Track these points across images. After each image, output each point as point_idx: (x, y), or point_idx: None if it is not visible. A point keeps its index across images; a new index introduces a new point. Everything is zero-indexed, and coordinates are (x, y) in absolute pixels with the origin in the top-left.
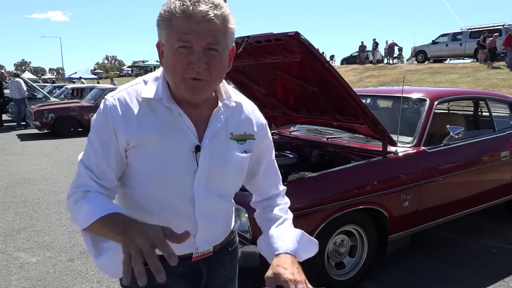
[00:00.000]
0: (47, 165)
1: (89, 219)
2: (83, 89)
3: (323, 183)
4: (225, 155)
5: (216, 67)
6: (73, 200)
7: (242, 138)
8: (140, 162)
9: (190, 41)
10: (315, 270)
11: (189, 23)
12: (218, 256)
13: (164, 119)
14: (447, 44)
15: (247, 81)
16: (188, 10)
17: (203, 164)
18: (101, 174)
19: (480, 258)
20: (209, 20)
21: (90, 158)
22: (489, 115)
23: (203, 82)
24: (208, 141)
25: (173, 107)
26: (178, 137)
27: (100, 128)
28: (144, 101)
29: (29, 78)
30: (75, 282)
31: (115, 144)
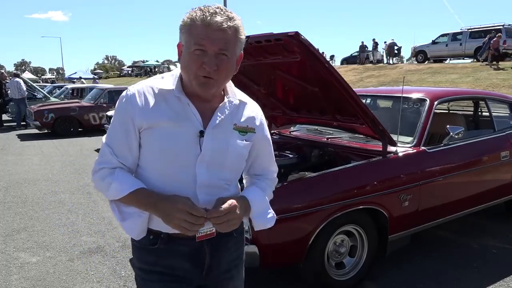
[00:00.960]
0: (47, 165)
1: (119, 193)
2: (83, 89)
3: (323, 183)
4: (227, 142)
5: (225, 69)
6: (100, 177)
7: (244, 130)
8: (152, 142)
9: (205, 45)
10: (315, 270)
11: (206, 30)
12: (222, 240)
13: (174, 107)
14: (447, 44)
15: (247, 81)
16: (207, 19)
17: (206, 148)
18: (120, 152)
19: (480, 258)
20: (223, 30)
21: (112, 137)
22: (489, 115)
23: (212, 80)
24: (212, 129)
25: (182, 98)
26: (185, 122)
27: (120, 113)
28: (159, 92)
29: (29, 78)
30: (75, 282)
31: (132, 129)
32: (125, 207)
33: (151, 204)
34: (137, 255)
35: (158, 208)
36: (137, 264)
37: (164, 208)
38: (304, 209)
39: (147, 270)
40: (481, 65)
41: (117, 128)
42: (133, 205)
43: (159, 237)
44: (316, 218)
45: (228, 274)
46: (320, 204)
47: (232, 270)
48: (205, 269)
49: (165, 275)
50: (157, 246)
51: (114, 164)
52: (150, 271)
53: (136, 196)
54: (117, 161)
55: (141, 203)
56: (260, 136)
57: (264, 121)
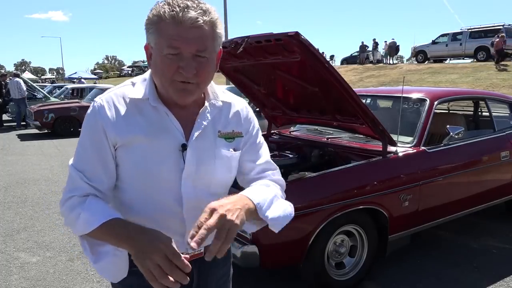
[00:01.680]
0: (47, 165)
1: (89, 226)
2: (83, 89)
3: (323, 183)
4: (213, 153)
5: (205, 72)
6: (69, 207)
7: (230, 136)
8: (128, 162)
9: (179, 47)
10: (315, 270)
11: (178, 29)
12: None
13: (150, 119)
14: (447, 44)
15: (247, 81)
16: (178, 16)
17: (190, 162)
18: (92, 175)
19: (480, 258)
20: (199, 27)
21: (81, 160)
22: (489, 115)
23: (192, 85)
24: (194, 140)
25: (160, 107)
26: (165, 136)
27: (90, 129)
28: (131, 102)
29: (29, 78)
30: (75, 282)
31: (106, 144)
32: (98, 245)
33: (124, 236)
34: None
35: (134, 240)
36: (116, 285)
37: (140, 243)
38: (304, 209)
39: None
40: (481, 65)
41: (87, 146)
42: (106, 240)
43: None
44: (316, 218)
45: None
46: (320, 204)
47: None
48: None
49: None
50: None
51: (85, 190)
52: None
53: (109, 228)
54: (89, 186)
55: (113, 236)
56: (249, 137)
57: (252, 117)
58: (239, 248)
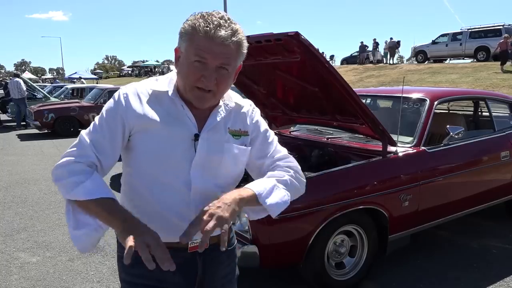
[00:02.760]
0: (47, 165)
1: (90, 194)
2: (83, 89)
3: (323, 183)
4: (222, 145)
5: (224, 83)
6: (71, 170)
7: (237, 133)
8: (144, 145)
9: (206, 58)
10: (315, 270)
11: (209, 43)
12: (214, 252)
13: (168, 109)
14: (447, 44)
15: (247, 81)
16: (210, 32)
17: (200, 152)
18: (100, 149)
19: (480, 258)
20: (226, 46)
21: (95, 132)
22: (489, 115)
23: (210, 94)
24: (206, 132)
25: (177, 100)
26: (180, 125)
27: (110, 112)
28: (153, 93)
29: (29, 78)
30: (75, 282)
31: (120, 129)
32: (82, 215)
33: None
34: (122, 266)
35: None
36: (122, 275)
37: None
38: (304, 209)
39: (132, 283)
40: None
41: (103, 125)
42: (96, 214)
43: None
44: (316, 218)
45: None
46: (320, 204)
47: (226, 285)
48: (197, 283)
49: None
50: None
51: (92, 159)
52: (136, 283)
53: (107, 204)
54: (96, 157)
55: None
56: (256, 135)
57: (258, 117)
58: (239, 248)
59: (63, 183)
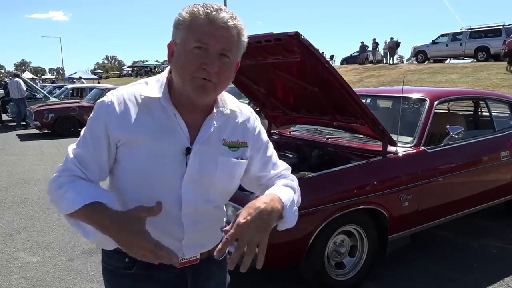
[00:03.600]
0: (47, 165)
1: (72, 206)
2: (83, 89)
3: (323, 183)
4: (216, 160)
5: (225, 72)
6: (57, 185)
7: (234, 145)
8: (130, 161)
9: (208, 42)
10: (315, 270)
11: (210, 26)
12: (205, 266)
13: (158, 120)
14: (447, 44)
15: (247, 81)
16: (211, 14)
17: (192, 167)
18: (84, 163)
19: (480, 258)
20: (228, 27)
21: (79, 147)
22: (489, 115)
23: (211, 83)
24: (199, 145)
25: (169, 107)
26: (170, 138)
27: (93, 121)
28: (142, 100)
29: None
30: (75, 282)
31: (104, 140)
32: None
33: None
34: (108, 279)
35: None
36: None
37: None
38: (304, 209)
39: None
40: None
41: (87, 136)
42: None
43: (135, 261)
44: (316, 218)
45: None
46: (320, 204)
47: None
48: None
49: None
50: (133, 271)
51: (75, 172)
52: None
53: (90, 212)
54: (80, 171)
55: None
56: (258, 148)
57: (259, 126)
58: None
59: (53, 198)
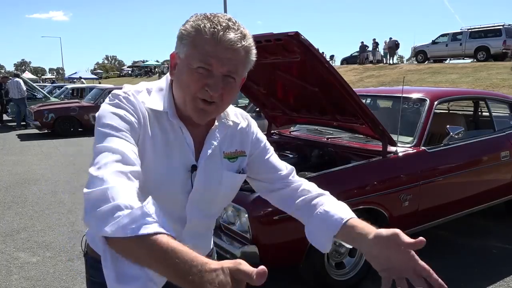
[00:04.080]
0: (47, 165)
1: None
2: (83, 89)
3: (323, 183)
4: (220, 175)
5: (229, 94)
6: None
7: (233, 156)
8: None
9: (212, 64)
10: (315, 270)
11: (215, 47)
12: None
13: (167, 135)
14: (447, 44)
15: (247, 81)
16: (218, 35)
17: (198, 185)
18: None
19: (480, 258)
20: (235, 50)
21: (113, 142)
22: (489, 115)
23: (213, 106)
24: (204, 161)
25: (176, 122)
26: (176, 155)
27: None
28: (150, 111)
29: (29, 78)
30: (75, 282)
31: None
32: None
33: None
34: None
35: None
36: None
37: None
38: None
39: None
40: (481, 65)
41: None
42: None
43: None
44: None
45: None
46: None
47: None
48: None
49: None
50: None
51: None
52: None
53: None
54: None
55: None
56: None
57: (257, 130)
58: (239, 248)
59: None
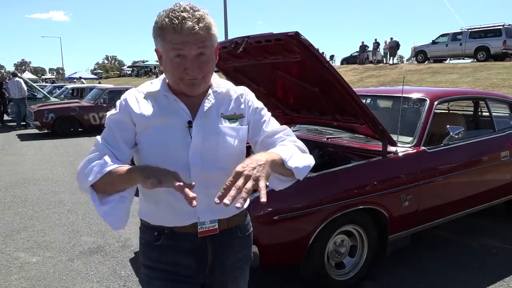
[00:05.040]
0: (47, 165)
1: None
2: (83, 89)
3: (323, 183)
4: (217, 128)
5: (206, 66)
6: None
7: (232, 117)
8: (147, 141)
9: (183, 49)
10: (315, 270)
11: (179, 36)
12: (226, 238)
13: (163, 105)
14: (447, 44)
15: (247, 81)
16: (178, 27)
17: (196, 136)
18: (114, 144)
19: (480, 258)
20: (196, 33)
21: (106, 134)
22: (489, 115)
23: (198, 79)
24: (200, 118)
25: (169, 95)
26: (174, 116)
27: (115, 115)
28: (148, 94)
29: (29, 78)
30: (75, 282)
31: (129, 123)
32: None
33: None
34: (142, 251)
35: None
36: (142, 260)
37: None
38: (304, 209)
39: (150, 267)
40: (481, 65)
41: (111, 126)
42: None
43: (162, 233)
44: (316, 218)
45: (231, 274)
46: (320, 204)
47: (236, 271)
48: (208, 268)
49: (169, 272)
50: (160, 242)
51: (106, 153)
52: (153, 267)
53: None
54: (110, 151)
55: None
56: (252, 115)
57: (253, 98)
58: None
59: (83, 176)
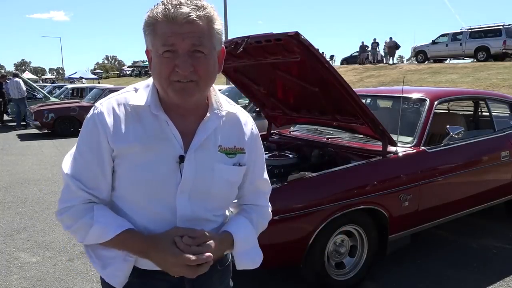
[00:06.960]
0: (47, 165)
1: (103, 237)
2: (83, 89)
3: (323, 183)
4: (212, 167)
5: (203, 68)
6: (73, 216)
7: (231, 151)
8: (124, 171)
9: (174, 43)
10: (315, 270)
11: (172, 26)
12: (204, 276)
13: (149, 128)
14: (447, 44)
15: (247, 81)
16: (170, 13)
17: (187, 176)
18: (92, 183)
19: (480, 258)
20: (192, 22)
21: (79, 167)
22: (489, 115)
23: (191, 84)
24: (193, 152)
25: (161, 115)
26: (163, 146)
27: (89, 134)
28: (132, 109)
29: (29, 78)
30: (75, 282)
31: (106, 152)
32: (104, 250)
33: (143, 253)
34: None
35: (152, 259)
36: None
37: (158, 261)
38: (304, 209)
39: None
40: (481, 65)
41: (85, 153)
42: (118, 249)
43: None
44: (316, 218)
45: None
46: (320, 204)
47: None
48: None
49: None
50: (129, 280)
51: (85, 198)
52: None
53: (122, 239)
54: (89, 194)
55: (130, 248)
56: (250, 156)
57: (256, 134)
58: None
59: (73, 230)
